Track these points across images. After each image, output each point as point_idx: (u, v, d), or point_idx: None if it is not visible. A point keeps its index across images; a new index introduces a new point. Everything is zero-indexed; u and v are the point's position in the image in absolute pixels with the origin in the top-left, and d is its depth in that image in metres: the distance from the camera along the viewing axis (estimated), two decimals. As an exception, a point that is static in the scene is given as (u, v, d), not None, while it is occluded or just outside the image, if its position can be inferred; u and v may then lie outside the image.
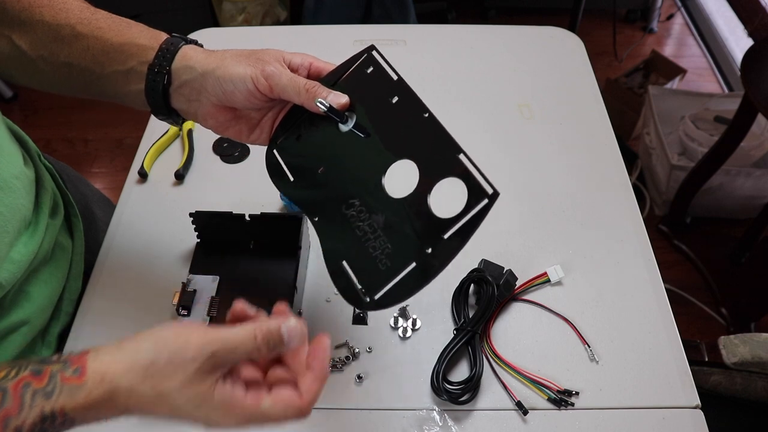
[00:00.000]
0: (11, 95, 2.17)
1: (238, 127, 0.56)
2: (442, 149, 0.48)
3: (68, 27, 0.53)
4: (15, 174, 0.57)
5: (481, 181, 0.46)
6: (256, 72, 0.51)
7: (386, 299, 0.47)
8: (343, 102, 0.52)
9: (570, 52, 0.98)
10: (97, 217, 0.77)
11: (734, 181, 1.63)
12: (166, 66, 0.52)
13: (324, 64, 0.56)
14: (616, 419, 0.58)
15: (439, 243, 0.46)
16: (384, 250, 0.48)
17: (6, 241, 0.54)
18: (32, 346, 0.61)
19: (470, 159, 0.47)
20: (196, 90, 0.53)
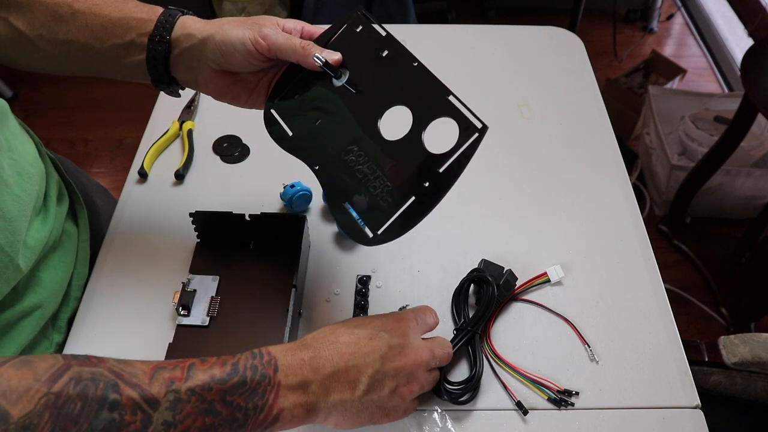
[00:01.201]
0: (11, 95, 2.17)
1: (236, 91, 0.59)
2: (432, 93, 0.52)
3: (66, 5, 0.55)
4: (30, 161, 0.59)
5: (471, 118, 0.50)
6: (254, 33, 0.53)
7: (389, 233, 0.50)
8: (336, 58, 0.55)
9: (570, 52, 0.98)
10: (98, 206, 0.77)
11: (734, 181, 1.63)
12: (166, 35, 0.55)
13: (315, 28, 0.58)
14: (616, 419, 0.58)
15: (435, 176, 0.50)
16: (384, 188, 0.51)
17: (24, 226, 0.56)
18: (44, 330, 0.62)
19: (459, 99, 0.50)
20: (196, 56, 0.55)
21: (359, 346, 0.49)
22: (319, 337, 0.50)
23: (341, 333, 0.50)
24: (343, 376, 0.48)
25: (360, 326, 0.51)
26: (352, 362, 0.48)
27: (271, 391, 0.45)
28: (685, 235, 1.73)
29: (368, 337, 0.50)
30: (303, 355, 0.47)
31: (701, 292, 1.62)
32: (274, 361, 0.46)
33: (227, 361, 0.45)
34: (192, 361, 0.45)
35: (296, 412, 0.46)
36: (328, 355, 0.48)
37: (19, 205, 0.55)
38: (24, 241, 0.56)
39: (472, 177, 0.79)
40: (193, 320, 0.61)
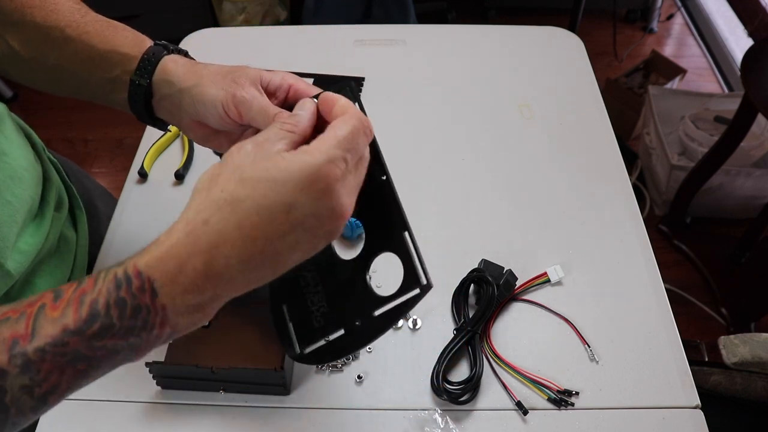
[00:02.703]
0: (11, 95, 2.17)
1: (219, 141, 0.55)
2: (390, 220, 0.46)
3: (58, 30, 0.53)
4: (25, 166, 0.58)
5: (418, 270, 0.44)
6: (227, 97, 0.48)
7: (314, 356, 0.46)
8: None
9: (570, 52, 0.98)
10: (100, 210, 0.77)
11: (734, 181, 1.63)
12: (146, 79, 0.52)
13: (305, 87, 0.51)
14: (616, 419, 0.58)
15: (368, 318, 0.45)
16: (320, 308, 0.47)
17: (14, 231, 0.55)
18: None
19: (413, 240, 0.44)
20: (176, 105, 0.52)
21: (275, 226, 0.36)
22: (213, 222, 0.36)
23: (245, 210, 0.36)
24: (258, 267, 0.37)
25: (271, 192, 0.36)
26: (270, 248, 0.37)
27: (156, 317, 0.36)
28: (685, 235, 1.73)
29: (285, 211, 0.36)
30: (193, 263, 0.36)
31: (701, 292, 1.62)
32: (148, 285, 0.35)
33: (84, 298, 0.35)
34: (42, 302, 0.36)
35: (199, 319, 0.38)
36: (231, 250, 0.36)
37: (9, 210, 0.54)
38: (15, 246, 0.55)
39: (472, 177, 0.79)
40: None
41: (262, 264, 0.37)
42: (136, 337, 0.36)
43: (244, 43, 1.01)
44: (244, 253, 0.36)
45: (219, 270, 0.36)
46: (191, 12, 2.16)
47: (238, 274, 0.37)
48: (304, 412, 0.58)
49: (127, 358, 0.37)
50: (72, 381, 0.36)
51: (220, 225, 0.36)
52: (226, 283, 0.36)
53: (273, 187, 0.37)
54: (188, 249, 0.36)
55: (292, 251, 0.38)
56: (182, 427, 0.57)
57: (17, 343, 0.34)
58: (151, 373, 0.56)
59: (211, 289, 0.36)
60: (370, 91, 0.91)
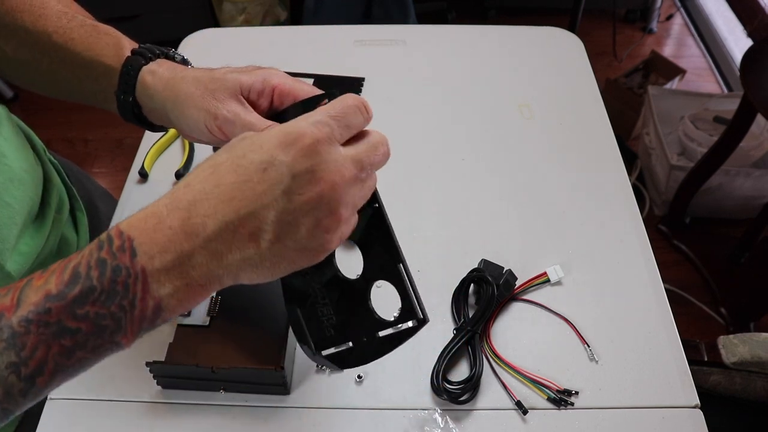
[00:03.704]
0: (11, 95, 2.17)
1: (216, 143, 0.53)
2: (384, 249, 0.45)
3: (45, 35, 0.53)
4: (25, 168, 0.58)
5: (414, 304, 0.44)
6: (209, 117, 0.46)
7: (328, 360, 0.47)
8: None
9: (570, 52, 0.98)
10: (101, 211, 0.77)
11: (734, 182, 1.63)
12: (129, 95, 0.51)
13: (291, 84, 0.48)
14: (616, 419, 0.58)
15: (373, 337, 0.46)
16: (329, 320, 0.47)
17: (14, 233, 0.55)
18: None
19: (408, 273, 0.44)
20: (165, 117, 0.51)
21: (250, 185, 0.35)
22: (194, 184, 0.36)
23: (224, 171, 0.36)
24: (236, 230, 0.35)
25: (249, 152, 0.36)
26: (245, 209, 0.35)
27: (136, 283, 0.35)
28: (685, 235, 1.73)
29: (261, 169, 0.35)
30: (171, 221, 0.35)
31: (701, 292, 1.62)
32: (128, 244, 0.35)
33: (68, 264, 0.35)
34: (31, 276, 0.36)
35: (183, 294, 0.36)
36: (208, 209, 0.35)
37: (8, 213, 0.54)
38: (16, 247, 0.55)
39: (472, 177, 0.79)
40: (193, 320, 0.61)
41: (240, 227, 0.35)
42: (119, 306, 0.35)
43: (244, 44, 1.01)
44: (220, 212, 0.35)
45: (195, 228, 0.35)
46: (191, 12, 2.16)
47: (215, 234, 0.35)
48: (304, 412, 0.58)
49: (114, 339, 0.36)
50: (59, 359, 0.35)
51: (200, 185, 0.36)
52: (203, 243, 0.35)
53: (252, 146, 0.36)
54: (168, 208, 0.36)
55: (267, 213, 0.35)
56: (182, 427, 0.57)
57: (2, 316, 0.34)
58: (152, 372, 0.56)
59: (187, 248, 0.35)
60: (370, 91, 0.91)
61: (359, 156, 0.39)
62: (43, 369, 0.35)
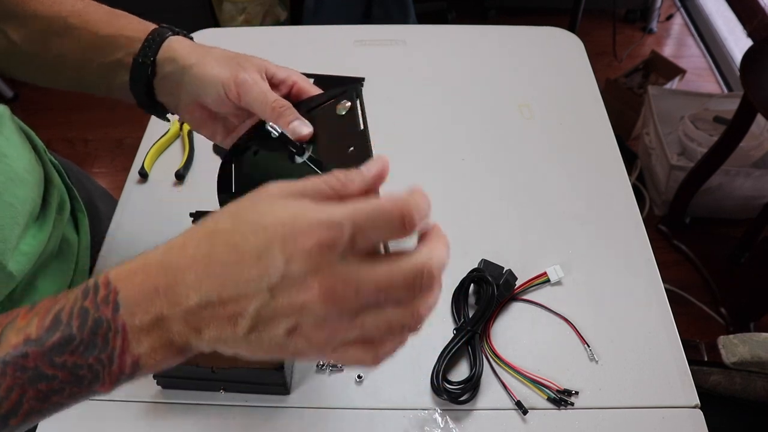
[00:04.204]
0: (12, 95, 2.17)
1: (213, 127, 0.55)
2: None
3: (60, 19, 0.54)
4: (26, 168, 0.58)
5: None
6: (229, 78, 0.49)
7: None
8: (304, 133, 0.48)
9: (570, 52, 0.98)
10: (101, 211, 0.77)
11: (733, 182, 1.63)
12: (150, 57, 0.51)
13: (308, 87, 0.52)
14: (616, 419, 0.58)
15: None
16: None
17: (16, 233, 0.55)
18: None
19: None
20: (176, 83, 0.52)
21: (240, 268, 0.32)
22: (188, 248, 0.34)
23: (220, 243, 0.33)
24: (216, 310, 0.33)
25: (250, 235, 0.32)
26: (228, 292, 0.32)
27: (116, 337, 0.33)
28: (685, 235, 1.73)
29: (255, 255, 0.31)
30: (157, 281, 0.33)
31: (701, 292, 1.62)
32: (113, 296, 0.34)
33: (53, 307, 0.34)
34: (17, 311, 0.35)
35: (160, 355, 0.34)
36: (194, 280, 0.33)
37: (10, 212, 0.54)
38: (17, 247, 0.55)
39: (472, 177, 0.80)
40: None
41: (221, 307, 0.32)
42: (97, 359, 0.33)
43: (244, 44, 1.00)
44: (204, 287, 0.33)
45: (178, 297, 0.33)
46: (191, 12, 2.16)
47: (196, 308, 0.33)
48: (304, 412, 0.58)
49: (91, 388, 0.35)
50: (34, 404, 0.34)
51: (193, 251, 0.34)
52: (182, 314, 0.33)
53: (255, 229, 0.32)
54: (158, 268, 0.34)
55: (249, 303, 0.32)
56: (182, 427, 0.57)
57: None
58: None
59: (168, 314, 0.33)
60: (370, 91, 0.91)
61: (379, 279, 0.31)
62: (17, 410, 0.34)
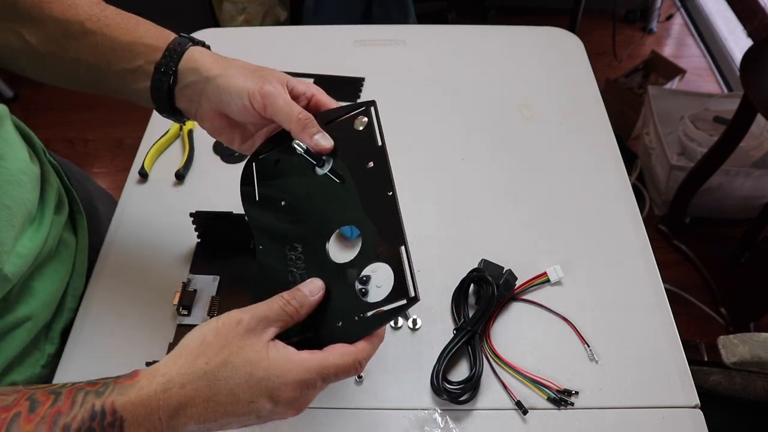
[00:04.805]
0: (12, 95, 2.17)
1: (232, 135, 0.57)
2: (389, 233, 0.47)
3: (77, 24, 0.54)
4: (22, 169, 0.58)
5: (408, 283, 0.45)
6: (255, 89, 0.51)
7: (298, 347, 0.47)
8: (327, 146, 0.51)
9: (570, 52, 0.98)
10: (101, 213, 0.77)
11: (734, 182, 1.63)
12: (172, 66, 0.53)
13: (326, 100, 0.54)
14: (616, 419, 0.58)
15: (349, 322, 0.46)
16: None
17: (12, 235, 0.54)
18: (36, 341, 0.61)
19: (409, 256, 0.46)
20: (198, 92, 0.54)
21: (235, 407, 0.41)
22: (187, 388, 0.40)
23: (220, 389, 0.41)
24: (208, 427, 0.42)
25: (245, 385, 0.41)
26: (225, 421, 0.42)
27: None
28: (685, 235, 1.73)
29: (249, 401, 0.41)
30: (161, 414, 0.40)
31: (701, 292, 1.62)
32: (118, 424, 0.39)
33: (58, 420, 0.38)
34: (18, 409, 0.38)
35: None
36: (194, 414, 0.40)
37: (7, 215, 0.54)
38: (14, 250, 0.55)
39: (472, 177, 0.79)
40: (193, 320, 0.62)
41: (216, 427, 0.42)
42: None
43: (245, 44, 1.01)
44: (203, 418, 0.41)
45: (178, 426, 0.40)
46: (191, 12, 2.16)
47: (195, 428, 0.41)
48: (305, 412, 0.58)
49: None
50: None
51: (193, 392, 0.40)
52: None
53: (248, 381, 0.41)
54: (160, 403, 0.40)
55: (242, 423, 0.43)
56: None
57: None
58: (152, 372, 0.56)
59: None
60: (370, 91, 0.91)
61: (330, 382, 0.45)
62: None
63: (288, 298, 0.45)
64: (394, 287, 0.46)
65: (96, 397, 0.39)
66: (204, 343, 0.42)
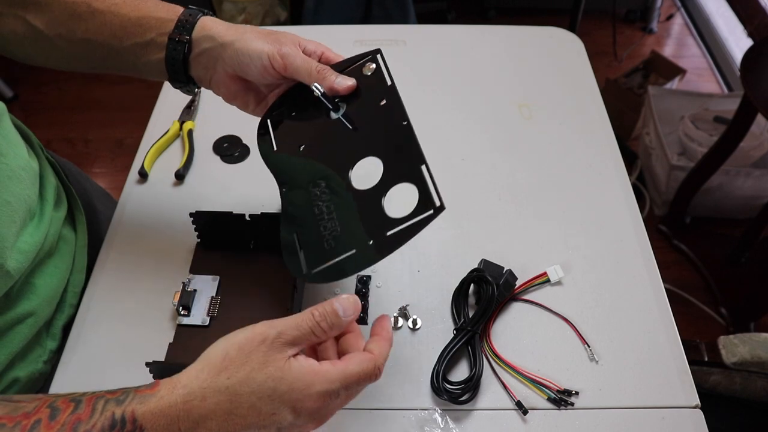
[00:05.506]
0: (11, 95, 2.17)
1: (246, 98, 0.60)
2: (409, 156, 0.51)
3: (84, 4, 0.56)
4: (22, 165, 0.58)
5: (433, 194, 0.49)
6: (273, 50, 0.54)
7: (322, 276, 0.51)
8: (349, 84, 0.56)
9: (570, 52, 0.98)
10: (99, 211, 0.77)
11: (734, 182, 1.63)
12: (186, 35, 0.55)
13: (334, 56, 0.59)
14: (616, 419, 0.58)
15: (381, 238, 0.49)
16: (332, 232, 0.52)
17: (14, 231, 0.55)
18: (37, 337, 0.61)
19: (430, 172, 0.49)
20: (213, 58, 0.56)
21: (257, 419, 0.41)
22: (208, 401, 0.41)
23: (241, 404, 0.41)
24: None
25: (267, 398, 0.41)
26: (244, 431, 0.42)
27: None
28: (685, 235, 1.73)
29: (270, 413, 0.41)
30: (181, 425, 0.40)
31: (701, 292, 1.62)
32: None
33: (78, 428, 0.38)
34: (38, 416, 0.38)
35: None
36: (215, 426, 0.40)
37: (8, 210, 0.54)
38: (15, 245, 0.55)
39: (472, 177, 0.79)
40: (193, 320, 0.61)
41: None
42: None
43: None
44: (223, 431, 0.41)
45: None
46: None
47: None
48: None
49: None
50: None
51: (214, 406, 0.40)
52: None
53: (271, 395, 0.41)
54: (180, 414, 0.40)
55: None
56: None
57: None
58: (152, 372, 0.56)
59: None
60: (370, 91, 0.91)
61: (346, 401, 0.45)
62: None
63: (319, 319, 0.44)
64: (419, 202, 0.49)
65: (116, 405, 0.40)
66: (227, 358, 0.42)
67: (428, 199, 0.49)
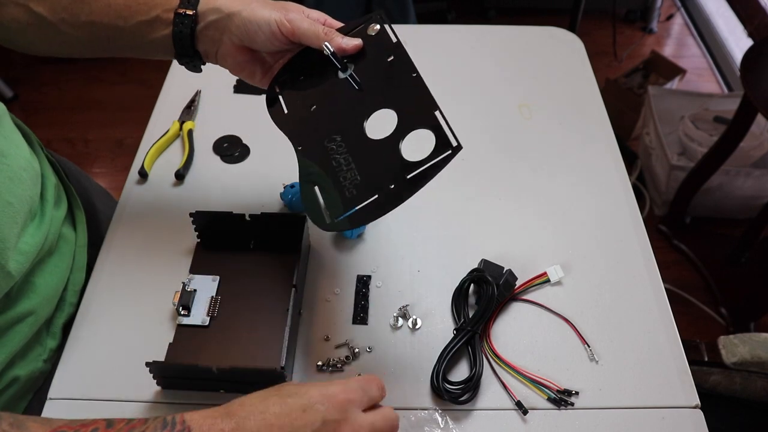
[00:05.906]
0: (11, 95, 2.17)
1: (253, 69, 0.61)
2: (421, 104, 0.54)
3: None
4: (23, 165, 0.58)
5: (449, 135, 0.51)
6: (281, 16, 0.56)
7: (345, 223, 0.53)
8: (356, 43, 0.58)
9: (570, 52, 0.98)
10: (99, 210, 0.77)
11: (734, 182, 1.63)
12: (192, 9, 0.57)
13: (336, 22, 0.61)
14: (616, 419, 0.58)
15: (401, 181, 0.51)
16: (353, 182, 0.53)
17: (15, 232, 0.55)
18: (37, 336, 0.61)
19: (444, 116, 0.52)
20: (220, 30, 0.57)
21: (291, 418, 0.44)
22: (247, 404, 0.45)
23: (272, 402, 0.45)
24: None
25: (294, 395, 0.46)
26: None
27: None
28: (685, 235, 1.73)
29: (301, 409, 0.45)
30: (224, 425, 0.43)
31: (701, 292, 1.62)
32: (187, 427, 0.43)
33: (134, 430, 0.43)
34: (95, 426, 0.42)
35: None
36: (254, 426, 0.44)
37: (10, 211, 0.54)
38: (16, 246, 0.55)
39: (472, 177, 0.79)
40: (193, 320, 0.62)
41: None
42: None
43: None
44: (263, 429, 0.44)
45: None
46: None
47: None
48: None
49: None
50: None
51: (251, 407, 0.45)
52: None
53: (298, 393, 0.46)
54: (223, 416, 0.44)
55: None
56: None
57: None
58: (152, 372, 0.56)
59: None
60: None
61: (374, 420, 0.48)
62: None
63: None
64: (436, 145, 0.51)
65: (166, 414, 0.44)
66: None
67: (445, 141, 0.51)
